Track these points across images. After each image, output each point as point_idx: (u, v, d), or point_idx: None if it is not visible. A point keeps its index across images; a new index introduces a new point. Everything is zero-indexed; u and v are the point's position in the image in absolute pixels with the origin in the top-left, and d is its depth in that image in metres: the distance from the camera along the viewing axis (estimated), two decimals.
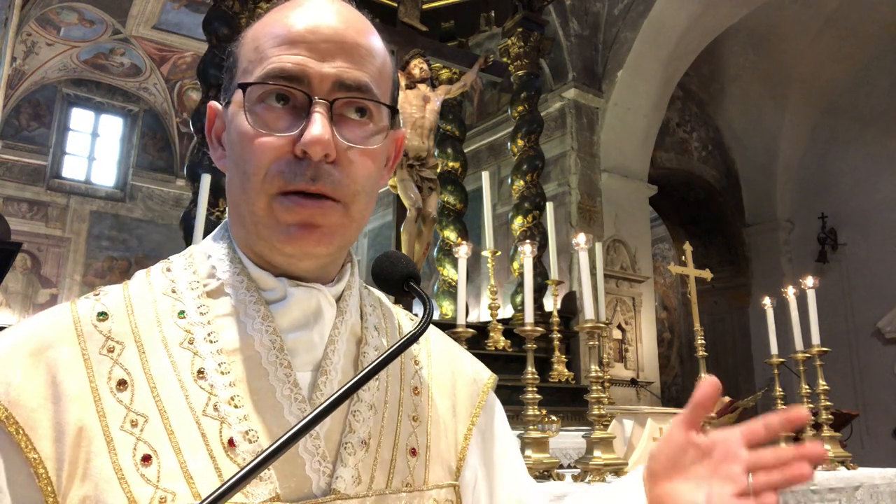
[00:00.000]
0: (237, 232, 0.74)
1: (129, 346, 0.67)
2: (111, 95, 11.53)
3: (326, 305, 0.73)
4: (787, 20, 8.29)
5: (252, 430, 0.65)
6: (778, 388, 3.49)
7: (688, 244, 3.36)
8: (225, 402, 0.66)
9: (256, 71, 0.69)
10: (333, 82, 0.68)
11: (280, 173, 0.66)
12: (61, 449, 0.60)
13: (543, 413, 2.51)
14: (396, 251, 0.77)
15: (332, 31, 0.69)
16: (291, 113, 0.68)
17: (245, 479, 0.52)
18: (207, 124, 0.79)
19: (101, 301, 0.70)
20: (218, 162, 0.77)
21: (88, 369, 0.64)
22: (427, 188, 4.82)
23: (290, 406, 0.67)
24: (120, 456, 0.61)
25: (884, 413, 8.09)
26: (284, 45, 0.68)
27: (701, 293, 3.92)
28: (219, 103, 0.78)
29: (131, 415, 0.63)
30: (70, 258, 10.92)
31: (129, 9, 9.23)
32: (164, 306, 0.70)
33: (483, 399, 0.85)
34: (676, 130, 9.03)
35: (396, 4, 5.10)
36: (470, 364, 0.89)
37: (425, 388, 0.81)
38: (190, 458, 0.62)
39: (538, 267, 4.87)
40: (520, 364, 2.72)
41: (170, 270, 0.75)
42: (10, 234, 3.46)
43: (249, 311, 0.70)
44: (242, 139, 0.68)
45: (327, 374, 0.71)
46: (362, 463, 0.70)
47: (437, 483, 0.75)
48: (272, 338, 0.69)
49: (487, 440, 0.85)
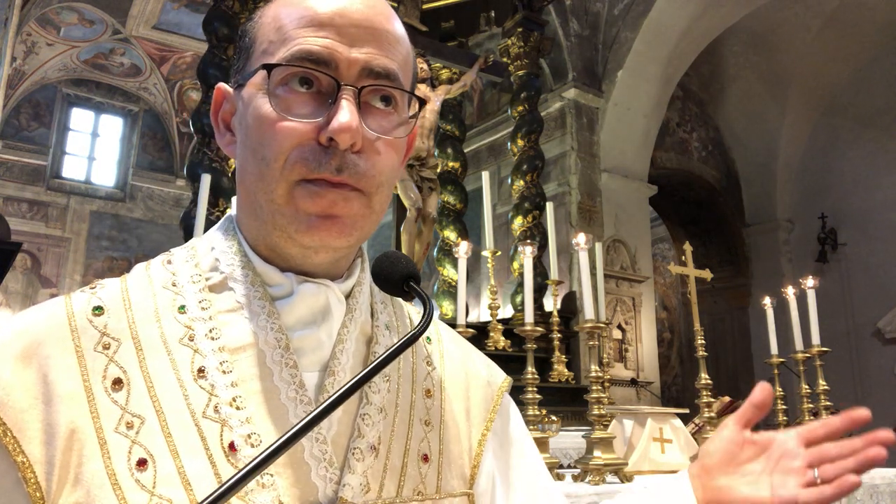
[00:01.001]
0: (248, 223, 0.70)
1: (125, 342, 0.63)
2: (111, 95, 11.52)
3: (335, 302, 0.70)
4: (787, 20, 8.29)
5: (255, 434, 0.62)
6: (778, 388, 3.50)
7: (688, 244, 3.35)
8: (226, 403, 0.62)
9: (279, 52, 0.65)
10: (362, 68, 0.65)
11: (303, 160, 0.63)
12: (52, 452, 0.57)
13: (543, 413, 2.51)
14: (396, 251, 0.75)
15: (362, 16, 0.66)
16: (316, 98, 0.65)
17: (244, 481, 0.49)
18: (213, 107, 0.74)
19: (98, 295, 0.66)
20: (226, 148, 0.74)
21: (82, 367, 0.61)
22: (427, 188, 4.82)
23: (296, 408, 0.64)
24: (114, 460, 0.58)
25: (884, 413, 8.08)
26: (312, 27, 0.65)
27: (701, 293, 3.92)
28: (227, 85, 0.74)
29: (126, 416, 0.60)
30: (70, 258, 10.92)
31: (129, 9, 9.22)
32: (163, 301, 0.67)
33: (498, 402, 0.82)
34: (676, 130, 9.03)
35: (396, 4, 5.10)
36: (484, 366, 0.85)
37: (438, 391, 0.77)
38: (188, 462, 0.59)
39: (538, 267, 4.86)
40: (520, 364, 2.72)
41: (171, 263, 0.71)
42: (10, 234, 3.46)
43: (254, 306, 0.67)
44: (262, 123, 0.65)
45: (335, 375, 0.67)
46: (371, 469, 0.66)
47: (450, 492, 0.72)
48: (277, 336, 0.66)
49: (504, 445, 0.81)
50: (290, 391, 0.65)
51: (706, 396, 2.94)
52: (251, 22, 0.72)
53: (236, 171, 0.71)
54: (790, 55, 8.64)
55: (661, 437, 2.88)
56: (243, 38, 0.72)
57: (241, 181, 0.69)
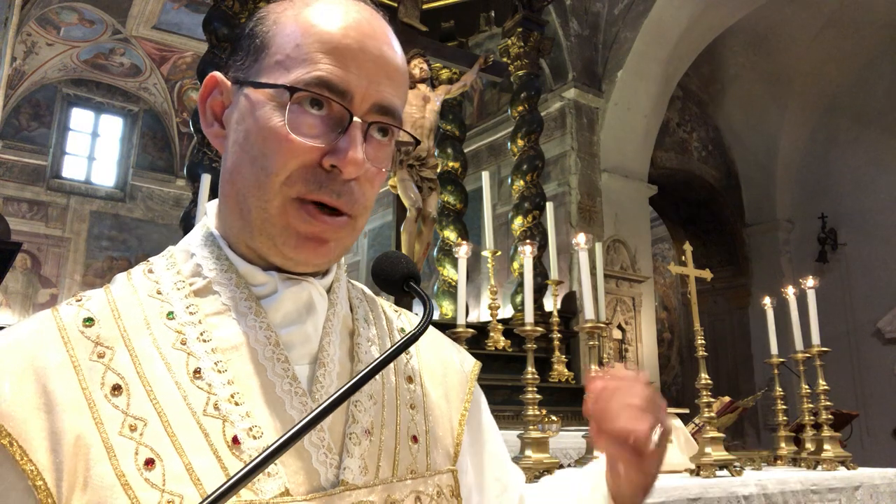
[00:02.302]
0: (231, 222, 0.72)
1: (119, 350, 0.65)
2: (111, 95, 11.53)
3: (318, 297, 0.73)
4: (787, 20, 8.29)
5: (256, 427, 0.64)
6: (778, 388, 3.50)
7: (688, 244, 3.36)
8: (225, 400, 0.64)
9: (297, 70, 0.67)
10: (373, 104, 0.69)
11: (304, 180, 0.66)
12: (59, 458, 0.58)
13: (543, 413, 2.51)
14: (396, 251, 0.77)
15: (380, 53, 0.70)
16: (325, 121, 0.67)
17: (250, 476, 0.51)
18: (203, 92, 0.75)
19: (85, 307, 0.68)
20: (213, 139, 0.75)
21: (80, 377, 0.62)
22: (427, 188, 4.82)
23: (292, 400, 0.67)
24: (121, 462, 0.59)
25: (884, 413, 8.09)
26: (334, 55, 0.67)
27: (701, 293, 3.92)
28: (221, 75, 0.74)
29: (129, 419, 0.61)
30: (70, 258, 10.93)
31: (129, 9, 9.23)
32: (151, 309, 0.69)
33: (472, 385, 0.87)
34: (676, 130, 9.03)
35: (396, 4, 5.10)
36: (456, 353, 0.90)
37: (418, 377, 0.82)
38: (195, 459, 0.61)
39: (538, 267, 4.87)
40: (520, 364, 2.72)
41: (152, 272, 0.73)
42: (10, 234, 3.46)
43: (241, 307, 0.70)
44: (269, 134, 0.67)
45: (325, 367, 0.71)
46: (367, 452, 0.70)
47: (438, 469, 0.76)
48: (267, 333, 0.69)
49: (475, 425, 0.87)
50: (284, 384, 0.68)
51: (706, 396, 2.94)
52: (263, 23, 0.72)
53: (225, 168, 0.72)
54: (790, 55, 8.64)
55: None
56: (253, 37, 0.72)
57: (230, 180, 0.71)
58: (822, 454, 3.19)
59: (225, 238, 0.73)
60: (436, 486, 0.74)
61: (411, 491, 0.71)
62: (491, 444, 0.89)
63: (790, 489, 2.71)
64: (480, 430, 0.88)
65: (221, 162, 0.74)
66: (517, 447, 2.53)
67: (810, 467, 3.19)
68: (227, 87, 0.74)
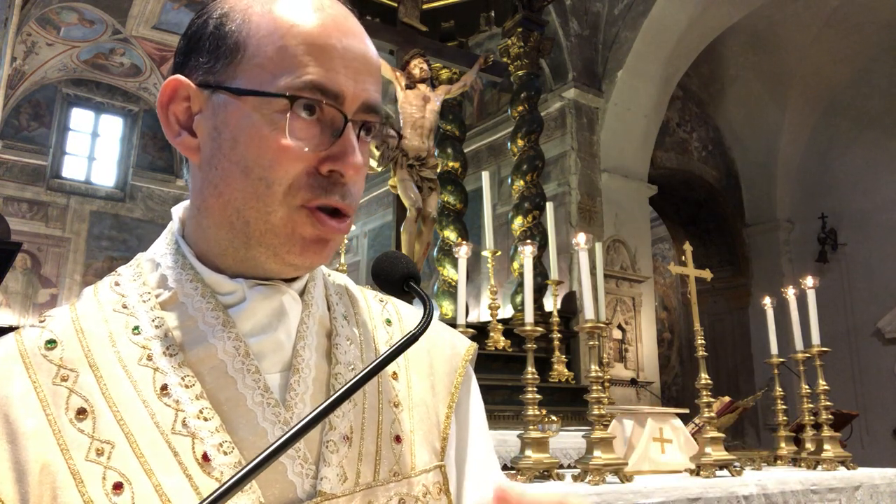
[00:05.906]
0: (215, 234, 0.68)
1: (83, 371, 0.63)
2: (111, 95, 11.53)
3: (290, 302, 0.71)
4: (787, 20, 8.29)
5: (226, 442, 0.62)
6: (778, 388, 3.50)
7: (688, 244, 3.35)
8: (193, 416, 0.62)
9: (285, 77, 0.64)
10: (362, 103, 0.68)
11: (308, 187, 0.65)
12: (24, 489, 0.57)
13: (543, 413, 2.51)
14: (396, 251, 0.76)
15: (361, 50, 0.69)
16: (317, 126, 0.66)
17: (225, 496, 0.49)
18: (163, 98, 0.68)
19: (49, 328, 0.66)
20: (185, 150, 0.69)
21: (43, 402, 0.60)
22: (427, 188, 4.82)
23: (264, 412, 0.65)
24: (89, 488, 0.58)
25: (884, 413, 8.09)
26: (321, 57, 0.65)
27: (701, 293, 3.92)
28: (185, 77, 0.68)
29: (96, 443, 0.60)
30: (70, 258, 10.93)
31: (129, 9, 9.23)
32: (116, 324, 0.67)
33: (463, 370, 0.83)
34: (676, 130, 9.04)
35: (396, 4, 5.10)
36: (448, 336, 0.86)
37: (403, 372, 0.78)
38: (164, 479, 0.59)
39: (538, 267, 4.87)
40: (520, 364, 2.72)
41: (118, 285, 0.71)
42: (10, 234, 3.46)
43: (208, 318, 0.67)
44: (262, 144, 0.64)
45: (300, 373, 0.69)
46: (346, 459, 0.67)
47: (423, 468, 0.73)
48: (235, 344, 0.66)
49: (463, 414, 0.83)
50: (255, 396, 0.65)
51: (706, 396, 2.94)
52: (230, 21, 0.67)
53: (206, 179, 0.68)
54: (790, 55, 8.64)
55: (661, 437, 2.89)
56: (220, 38, 0.67)
57: (215, 193, 0.67)
58: (822, 454, 3.19)
59: (194, 247, 0.71)
60: (422, 487, 0.72)
61: (395, 494, 0.69)
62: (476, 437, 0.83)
63: (790, 489, 2.71)
64: (467, 419, 0.83)
65: (192, 172, 0.70)
66: (517, 447, 2.52)
67: (810, 467, 3.19)
68: (193, 92, 0.68)
